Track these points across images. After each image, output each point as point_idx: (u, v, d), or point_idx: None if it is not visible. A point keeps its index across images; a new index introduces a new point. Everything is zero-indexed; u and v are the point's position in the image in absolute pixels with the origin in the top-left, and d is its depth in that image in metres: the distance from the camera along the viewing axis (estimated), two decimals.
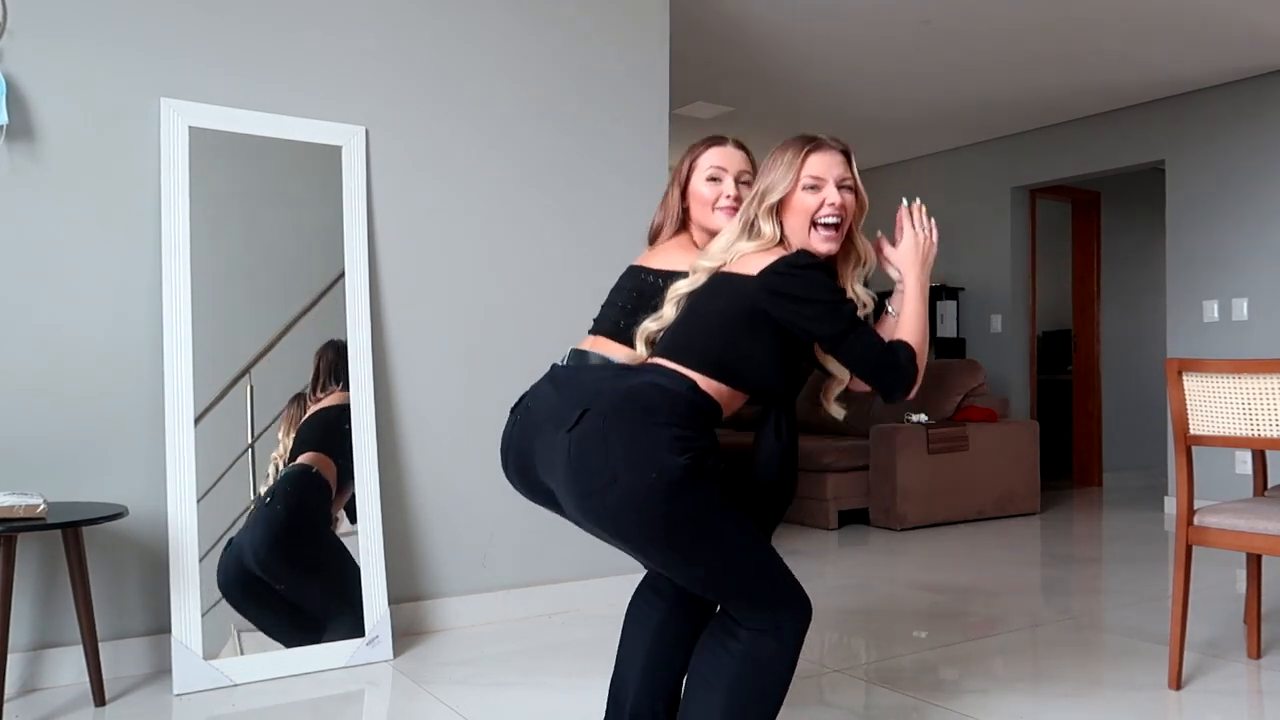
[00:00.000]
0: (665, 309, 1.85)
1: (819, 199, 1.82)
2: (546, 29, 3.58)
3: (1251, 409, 2.53)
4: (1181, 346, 5.80)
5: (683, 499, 1.62)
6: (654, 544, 1.67)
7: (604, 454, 1.63)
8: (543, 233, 3.56)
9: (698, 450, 1.65)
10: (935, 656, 3.03)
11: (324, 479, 2.99)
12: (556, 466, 1.70)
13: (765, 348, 1.75)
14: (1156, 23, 4.67)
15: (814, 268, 1.75)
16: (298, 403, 2.97)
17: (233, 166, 2.96)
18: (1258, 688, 2.73)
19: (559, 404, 1.75)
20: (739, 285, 1.76)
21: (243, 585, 2.80)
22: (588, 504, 1.66)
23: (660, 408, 1.67)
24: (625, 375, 1.77)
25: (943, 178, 7.25)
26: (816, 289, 1.72)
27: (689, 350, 1.76)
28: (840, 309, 1.73)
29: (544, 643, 3.18)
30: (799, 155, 1.84)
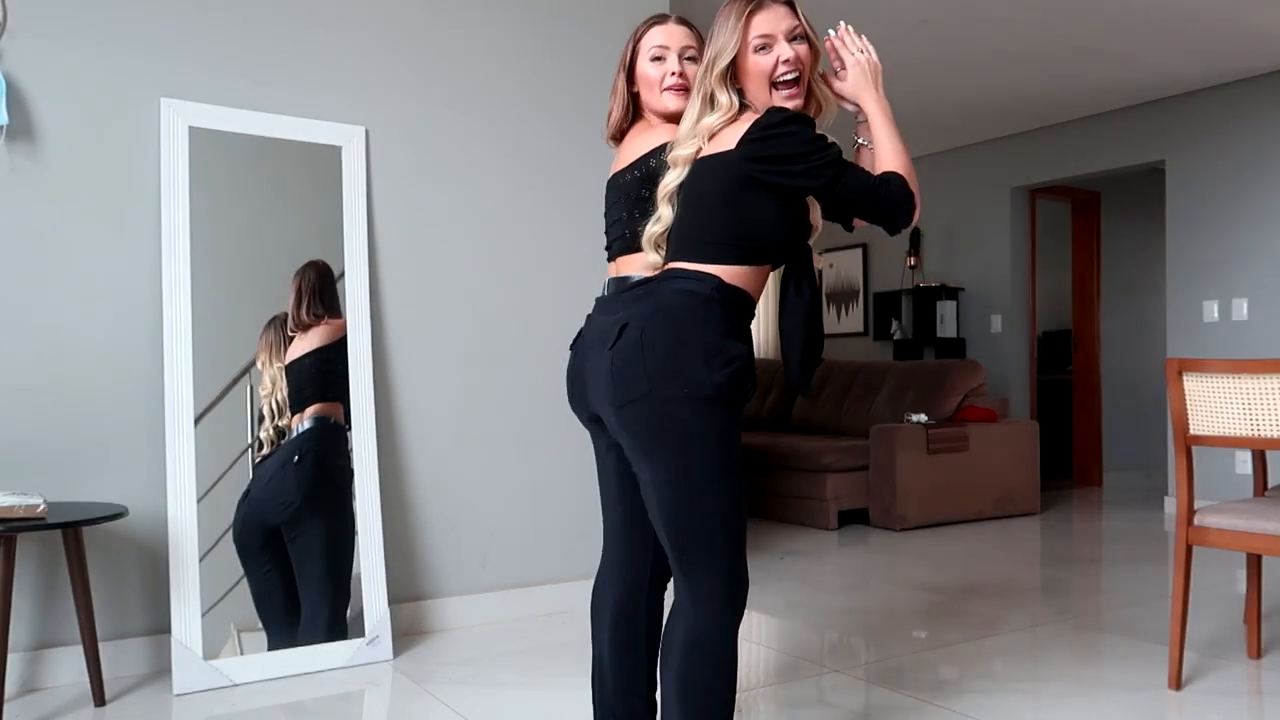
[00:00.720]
0: (661, 209, 1.83)
1: (772, 58, 1.79)
2: (546, 28, 3.58)
3: (1251, 409, 2.53)
4: (1181, 346, 5.80)
5: (705, 421, 1.66)
6: (663, 457, 1.69)
7: (642, 366, 1.67)
8: (543, 232, 3.56)
9: (732, 364, 1.67)
10: (935, 656, 3.03)
11: (340, 425, 3.04)
12: (602, 383, 1.74)
13: (767, 210, 1.73)
14: (1156, 23, 4.67)
15: (788, 122, 1.71)
16: (275, 327, 2.96)
17: (233, 166, 2.96)
18: (1258, 688, 2.73)
19: (604, 325, 1.78)
20: (722, 162, 1.74)
21: (261, 538, 2.87)
22: (623, 413, 1.70)
23: (694, 316, 1.68)
24: (655, 286, 1.77)
25: (943, 178, 7.25)
26: (796, 143, 1.70)
27: (702, 244, 1.75)
28: (825, 156, 1.70)
29: (544, 643, 3.18)
30: (742, 16, 1.80)
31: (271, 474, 2.89)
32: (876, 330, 7.66)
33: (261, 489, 2.87)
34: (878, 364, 6.61)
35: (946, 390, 5.92)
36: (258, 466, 2.89)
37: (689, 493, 1.70)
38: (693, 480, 1.69)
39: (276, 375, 2.93)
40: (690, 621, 1.70)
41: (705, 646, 1.70)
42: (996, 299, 6.94)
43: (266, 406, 2.91)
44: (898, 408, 6.00)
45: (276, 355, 2.94)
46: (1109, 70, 5.40)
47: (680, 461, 1.69)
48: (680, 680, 1.70)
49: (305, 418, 2.97)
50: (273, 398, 2.92)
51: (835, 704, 2.62)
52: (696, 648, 1.69)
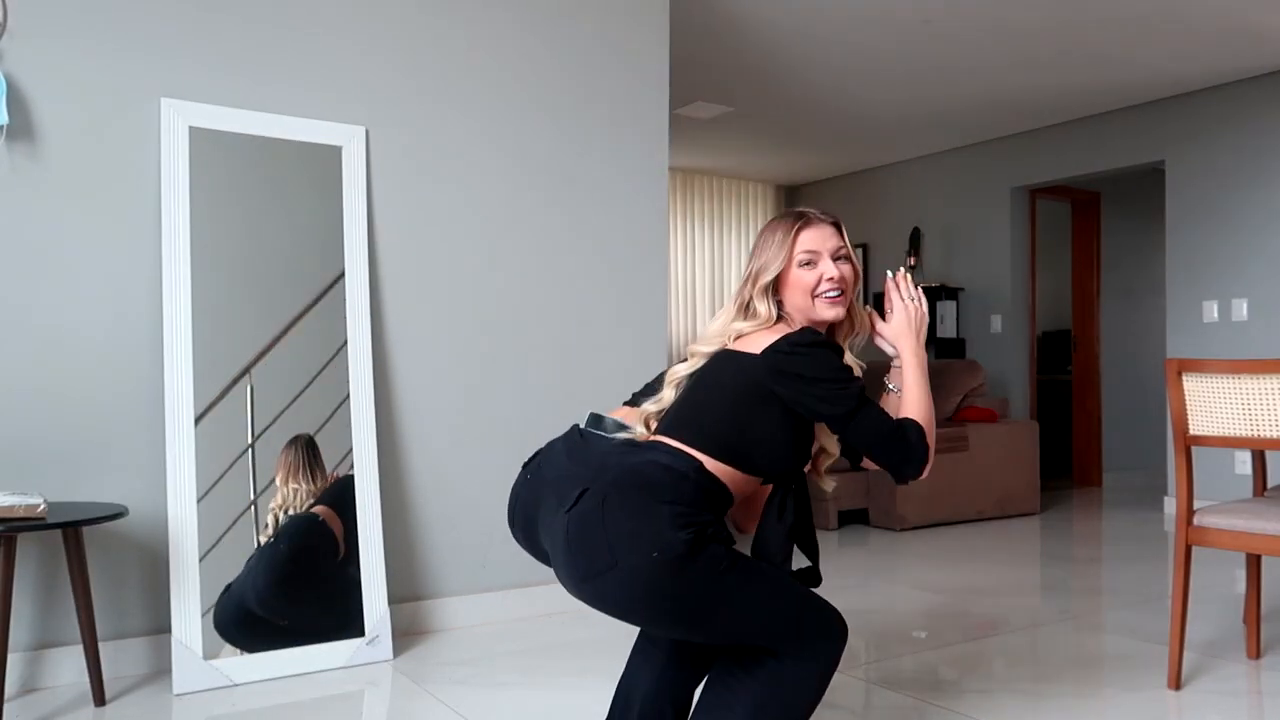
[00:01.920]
0: (664, 391, 1.83)
1: (816, 274, 1.82)
2: (547, 29, 3.58)
3: (1251, 409, 2.53)
4: (1181, 346, 5.80)
5: (689, 573, 1.58)
6: (666, 621, 1.65)
7: (603, 535, 1.58)
8: (543, 232, 3.56)
9: (699, 524, 1.60)
10: (935, 656, 3.03)
11: (330, 530, 2.97)
12: (557, 548, 1.67)
13: (774, 427, 1.72)
14: (1156, 23, 4.67)
15: (819, 345, 1.72)
16: (298, 449, 2.94)
17: (233, 166, 2.96)
18: (1257, 688, 2.73)
19: (564, 476, 1.72)
20: (743, 363, 1.75)
21: (239, 625, 2.78)
22: (587, 587, 1.62)
23: (664, 486, 1.63)
24: (630, 452, 1.72)
25: (943, 178, 7.25)
26: (823, 367, 1.70)
27: (696, 429, 1.72)
28: (849, 387, 1.71)
29: (544, 643, 3.18)
30: (790, 233, 1.83)
31: (251, 564, 2.82)
32: None
33: (240, 581, 2.80)
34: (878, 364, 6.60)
35: (946, 390, 5.92)
36: (247, 562, 2.83)
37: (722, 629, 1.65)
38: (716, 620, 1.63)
39: (289, 495, 2.90)
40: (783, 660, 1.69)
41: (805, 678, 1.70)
42: (996, 299, 6.94)
43: (272, 516, 2.88)
44: None
45: (293, 477, 2.92)
46: (1109, 70, 5.40)
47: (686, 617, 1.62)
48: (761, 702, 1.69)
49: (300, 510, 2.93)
50: (281, 510, 2.89)
51: (835, 704, 2.62)
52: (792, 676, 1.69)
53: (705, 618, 1.63)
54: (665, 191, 3.85)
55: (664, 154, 3.85)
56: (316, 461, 2.97)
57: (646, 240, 3.79)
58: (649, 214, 3.80)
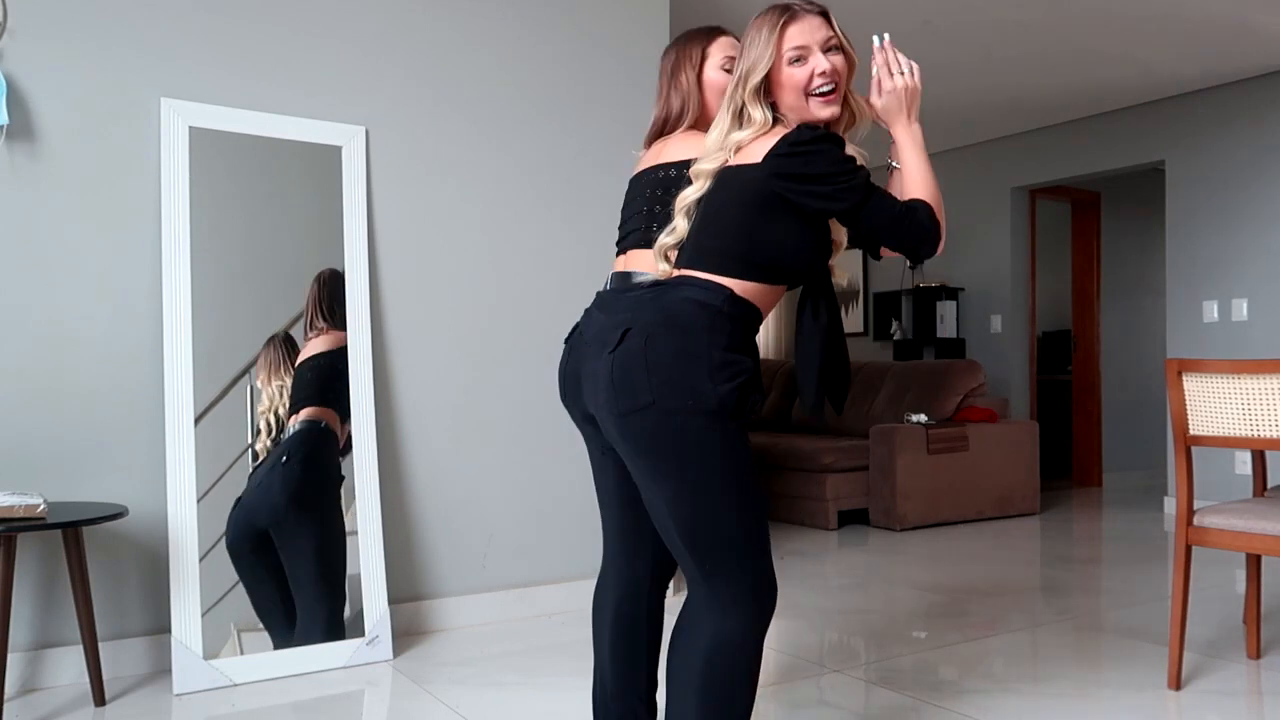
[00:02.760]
0: (677, 220, 1.79)
1: (807, 70, 1.76)
2: (546, 29, 3.58)
3: (1251, 409, 2.53)
4: (1181, 347, 5.80)
5: (712, 434, 1.61)
6: (669, 472, 1.65)
7: (645, 375, 1.62)
8: (543, 232, 3.56)
9: (739, 377, 1.63)
10: (935, 656, 3.03)
11: (332, 430, 3.02)
12: (600, 387, 1.68)
13: (788, 231, 1.70)
14: (1156, 23, 4.67)
15: (819, 140, 1.68)
16: (274, 345, 2.95)
17: (233, 166, 2.96)
18: (1257, 688, 2.73)
19: (604, 327, 1.73)
20: (747, 176, 1.71)
21: (252, 543, 2.85)
22: (624, 421, 1.65)
23: (700, 327, 1.64)
24: (663, 292, 1.72)
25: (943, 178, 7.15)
26: (824, 163, 1.66)
27: (717, 255, 1.70)
28: (853, 179, 1.67)
29: (544, 643, 3.18)
30: (775, 29, 1.76)
31: (260, 478, 2.88)
32: (876, 330, 7.67)
33: (250, 494, 2.86)
34: (877, 364, 6.61)
35: (946, 390, 5.92)
36: (251, 475, 2.88)
37: (701, 507, 1.65)
38: (703, 494, 1.65)
39: (274, 393, 2.92)
40: (716, 626, 1.66)
41: (733, 650, 1.66)
42: (996, 299, 6.94)
43: (264, 421, 2.90)
44: (898, 408, 6.00)
45: (275, 374, 2.93)
46: (1109, 70, 5.40)
47: (688, 476, 1.64)
48: (702, 684, 1.66)
49: (297, 420, 2.96)
50: (270, 413, 2.91)
51: (835, 704, 2.62)
52: (723, 650, 1.66)
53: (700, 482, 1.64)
54: None
55: None
56: (295, 354, 2.98)
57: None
58: None
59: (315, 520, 2.97)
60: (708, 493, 1.65)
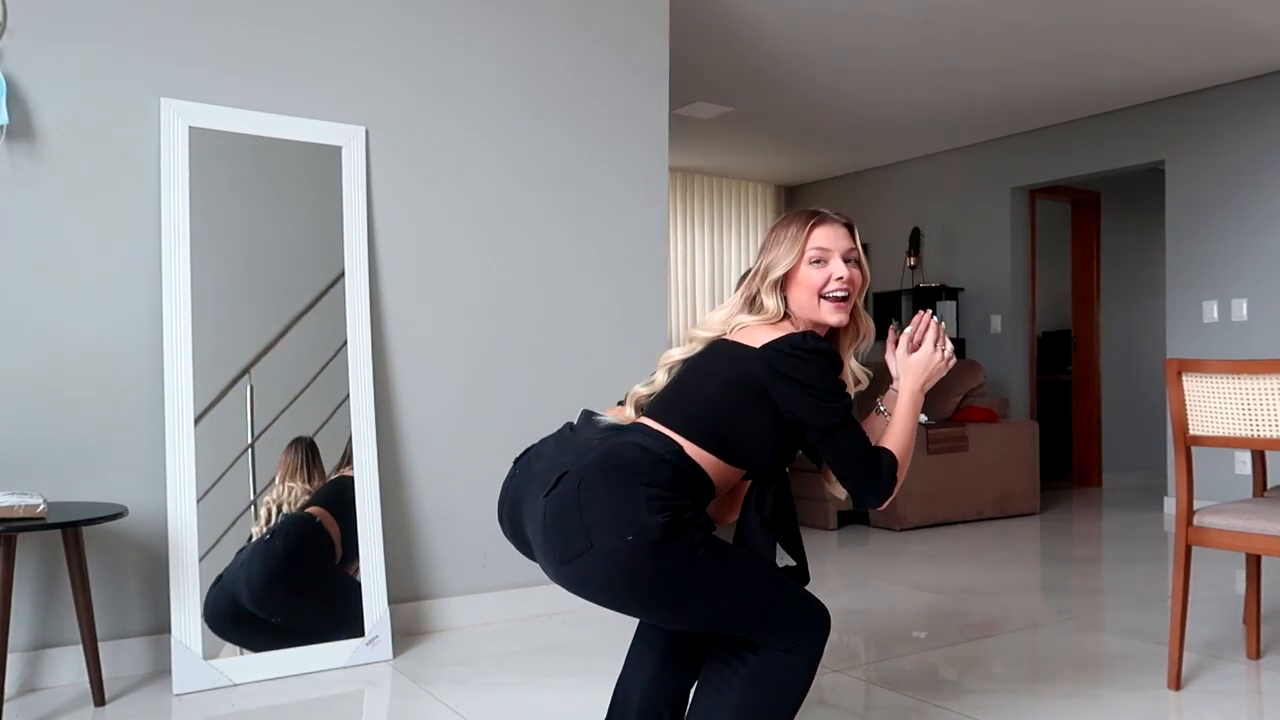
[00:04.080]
0: (656, 374, 1.82)
1: (825, 274, 1.81)
2: (546, 29, 3.58)
3: (1251, 409, 2.53)
4: (1181, 347, 5.80)
5: (665, 557, 1.56)
6: (645, 605, 1.64)
7: (579, 518, 1.57)
8: (542, 232, 3.56)
9: (676, 508, 1.58)
10: (935, 656, 3.03)
11: (327, 533, 2.96)
12: (536, 531, 1.65)
13: (761, 423, 1.71)
14: (1156, 23, 4.67)
15: (819, 354, 1.70)
16: (299, 450, 2.94)
17: (233, 166, 2.96)
18: (1257, 688, 2.73)
19: (549, 466, 1.70)
20: (740, 355, 1.73)
21: (232, 619, 2.77)
22: (564, 570, 1.61)
23: (640, 468, 1.61)
24: (611, 435, 1.71)
25: (943, 178, 7.25)
26: (817, 375, 1.69)
27: (680, 414, 1.71)
28: (836, 403, 1.69)
29: (544, 643, 3.18)
30: (803, 229, 1.82)
31: (244, 558, 2.81)
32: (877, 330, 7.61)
33: (231, 573, 2.79)
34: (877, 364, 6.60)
35: (946, 390, 5.92)
36: (237, 553, 2.81)
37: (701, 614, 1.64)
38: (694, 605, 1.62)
39: (284, 494, 2.89)
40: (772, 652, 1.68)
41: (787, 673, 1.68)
42: (996, 299, 6.94)
43: (265, 509, 2.87)
44: None
45: (292, 477, 2.91)
46: (1109, 70, 5.40)
47: (665, 602, 1.61)
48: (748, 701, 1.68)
49: (295, 509, 2.92)
50: (275, 505, 2.88)
51: (835, 704, 2.62)
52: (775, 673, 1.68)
53: (683, 602, 1.62)
54: (665, 191, 3.85)
55: (664, 154, 3.85)
56: (315, 464, 2.97)
57: (646, 240, 3.79)
58: (649, 214, 3.80)
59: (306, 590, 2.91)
60: (698, 603, 1.62)
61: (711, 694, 1.72)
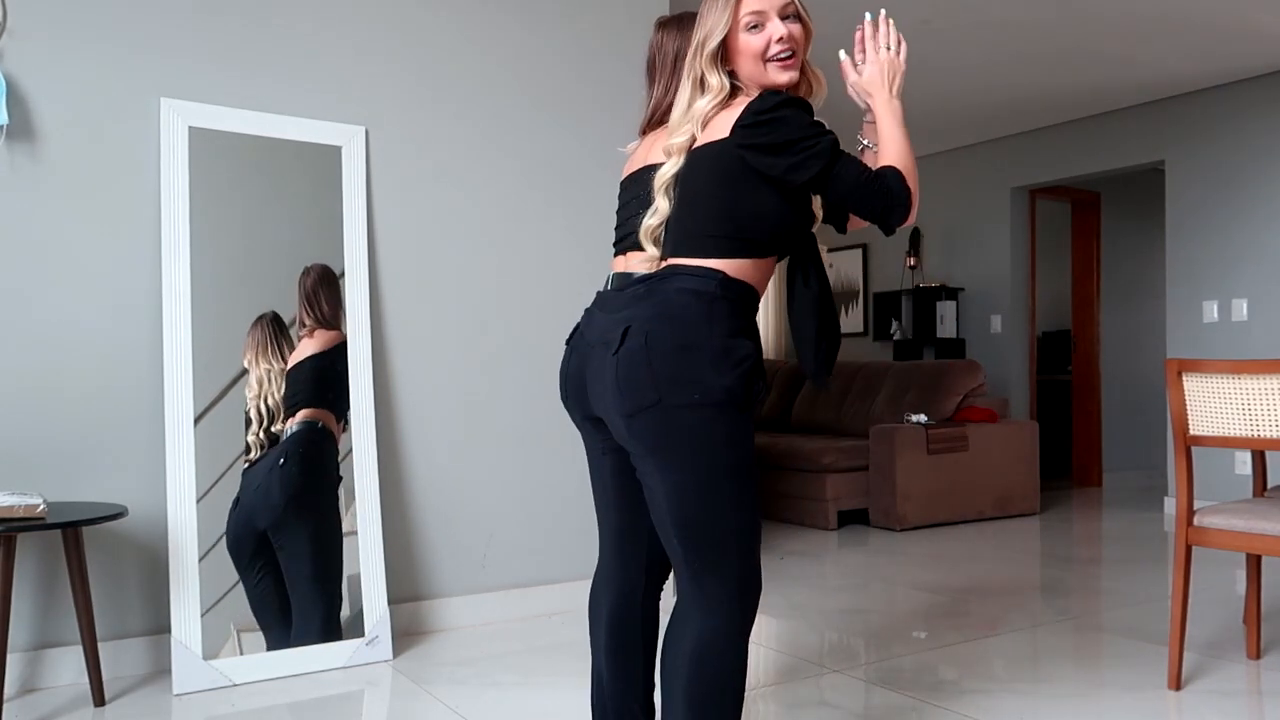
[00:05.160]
0: (658, 200, 1.78)
1: (765, 36, 1.74)
2: (546, 28, 3.58)
3: (1251, 409, 2.53)
4: (1181, 347, 5.80)
5: (717, 426, 1.62)
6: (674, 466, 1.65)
7: (649, 373, 1.62)
8: (542, 232, 3.56)
9: (742, 365, 1.63)
10: (935, 656, 3.03)
11: (329, 431, 3.02)
12: (606, 389, 1.68)
13: (766, 201, 1.68)
14: (1156, 23, 4.67)
15: (782, 105, 1.65)
16: (263, 326, 2.93)
17: (233, 166, 2.96)
18: (1257, 688, 2.73)
19: (606, 324, 1.72)
20: (716, 151, 1.69)
21: (252, 545, 2.85)
22: (631, 422, 1.65)
23: (698, 317, 1.64)
24: (656, 285, 1.71)
25: (943, 178, 7.25)
26: (790, 130, 1.63)
27: (702, 239, 1.70)
28: (819, 143, 1.64)
29: (544, 643, 3.18)
30: None
31: (258, 479, 2.87)
32: (876, 330, 7.66)
33: (249, 494, 2.86)
34: (877, 364, 6.61)
35: (946, 390, 5.92)
36: (246, 472, 2.87)
37: (701, 500, 1.65)
38: (705, 487, 1.65)
39: (263, 376, 2.91)
40: (701, 625, 1.67)
41: (717, 650, 1.67)
42: (996, 299, 6.94)
43: (254, 409, 2.88)
44: (897, 408, 6.00)
45: (263, 356, 2.92)
46: (1109, 70, 5.40)
47: (692, 469, 1.64)
48: (690, 684, 1.67)
49: (294, 422, 2.96)
50: (260, 400, 2.89)
51: (835, 704, 2.62)
52: (708, 651, 1.66)
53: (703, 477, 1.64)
54: None
55: None
56: (284, 336, 2.97)
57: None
58: None
59: (313, 522, 2.97)
60: (711, 486, 1.65)
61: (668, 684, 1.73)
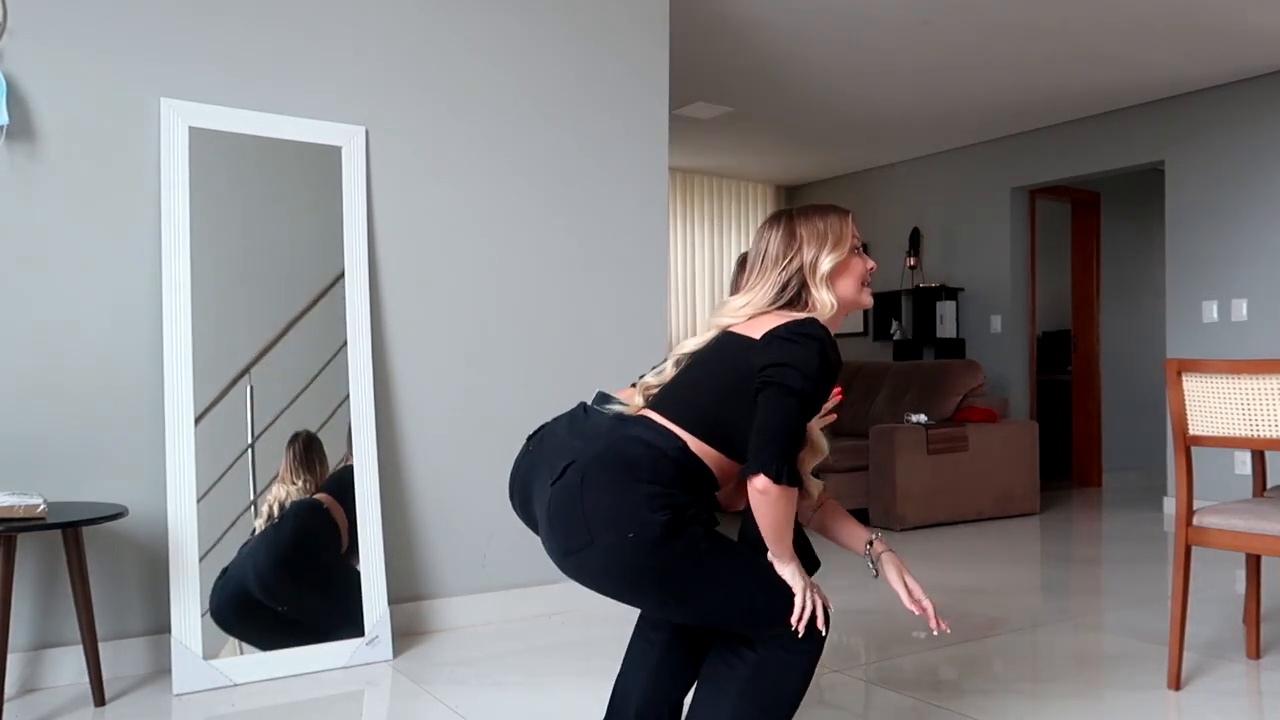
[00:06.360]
0: (666, 365, 1.80)
1: (865, 262, 1.84)
2: (546, 29, 3.58)
3: (1251, 409, 2.53)
4: (1181, 347, 5.80)
5: (665, 551, 1.57)
6: (645, 597, 1.65)
7: (581, 512, 1.58)
8: (542, 232, 3.56)
9: (676, 506, 1.59)
10: (935, 657, 3.03)
11: (333, 519, 2.97)
12: (543, 517, 1.67)
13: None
14: (1156, 23, 4.67)
15: (821, 340, 1.64)
16: (292, 448, 2.93)
17: (233, 166, 2.96)
18: (1257, 688, 2.73)
19: (560, 449, 1.70)
20: (742, 345, 1.70)
21: (237, 610, 2.77)
22: (567, 562, 1.63)
23: (643, 465, 1.61)
24: (618, 427, 1.70)
25: (943, 178, 7.25)
26: (803, 355, 1.61)
27: (684, 408, 1.69)
28: (802, 377, 1.60)
29: (544, 643, 3.18)
30: (844, 220, 1.82)
31: (250, 547, 2.82)
32: (876, 330, 7.66)
33: (237, 564, 2.79)
34: (877, 364, 6.61)
35: (946, 390, 5.92)
36: (241, 547, 2.82)
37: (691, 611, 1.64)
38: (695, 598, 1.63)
39: (287, 492, 2.89)
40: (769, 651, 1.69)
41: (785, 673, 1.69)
42: (996, 299, 6.94)
43: (267, 506, 2.86)
44: (897, 408, 6.00)
45: (293, 474, 2.91)
46: (1109, 70, 5.40)
47: (667, 595, 1.61)
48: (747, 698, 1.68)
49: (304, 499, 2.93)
50: (275, 503, 2.88)
51: (835, 704, 2.62)
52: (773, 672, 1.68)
53: (685, 595, 1.63)
54: (665, 191, 3.85)
55: (664, 154, 3.85)
56: (313, 456, 2.96)
57: (646, 240, 3.79)
58: (649, 214, 3.80)
59: (312, 578, 2.92)
60: (699, 596, 1.63)
61: (713, 691, 1.73)
